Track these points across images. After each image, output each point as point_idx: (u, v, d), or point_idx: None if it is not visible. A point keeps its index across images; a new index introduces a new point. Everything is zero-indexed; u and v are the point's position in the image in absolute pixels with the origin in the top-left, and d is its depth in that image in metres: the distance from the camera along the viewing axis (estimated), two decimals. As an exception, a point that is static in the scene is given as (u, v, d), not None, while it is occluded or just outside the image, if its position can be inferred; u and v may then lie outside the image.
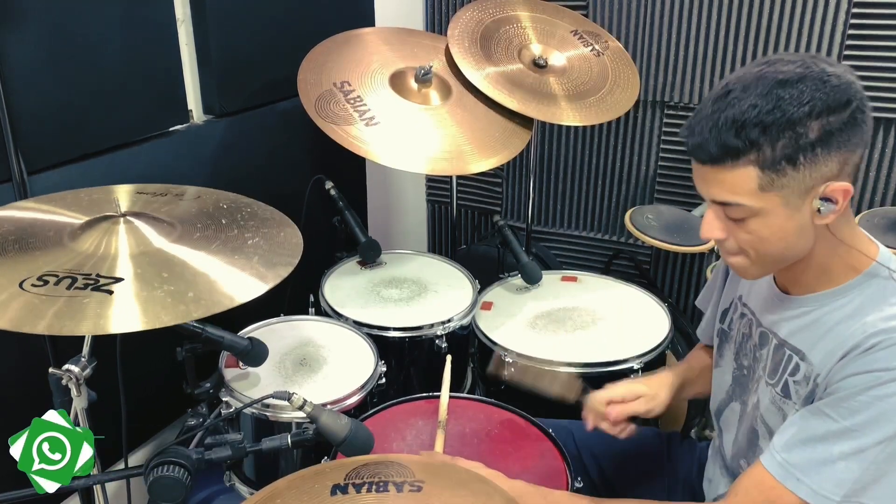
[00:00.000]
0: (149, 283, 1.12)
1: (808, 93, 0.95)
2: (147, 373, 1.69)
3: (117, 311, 1.06)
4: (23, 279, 1.08)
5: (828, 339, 1.05)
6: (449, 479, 1.12)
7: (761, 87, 0.97)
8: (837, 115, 0.95)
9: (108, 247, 1.19)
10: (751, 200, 1.00)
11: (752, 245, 1.05)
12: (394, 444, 1.46)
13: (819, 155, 0.96)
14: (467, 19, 2.12)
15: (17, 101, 1.49)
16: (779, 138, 0.95)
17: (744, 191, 0.99)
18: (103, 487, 1.40)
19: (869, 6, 2.09)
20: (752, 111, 0.96)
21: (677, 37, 2.33)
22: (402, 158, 1.82)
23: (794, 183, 0.98)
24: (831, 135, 0.95)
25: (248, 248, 1.27)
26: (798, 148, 0.95)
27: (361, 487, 1.05)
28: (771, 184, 0.98)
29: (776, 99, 0.95)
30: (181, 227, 1.28)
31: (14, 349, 1.59)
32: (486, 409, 1.56)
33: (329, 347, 1.71)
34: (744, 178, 0.98)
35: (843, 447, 0.99)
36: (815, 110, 0.95)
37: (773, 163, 0.96)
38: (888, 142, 2.18)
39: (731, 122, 0.97)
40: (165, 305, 1.08)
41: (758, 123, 0.95)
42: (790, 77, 0.96)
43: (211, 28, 1.90)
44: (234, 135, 2.03)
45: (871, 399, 0.97)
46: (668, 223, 2.24)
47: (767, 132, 0.95)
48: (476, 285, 1.97)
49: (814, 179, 0.97)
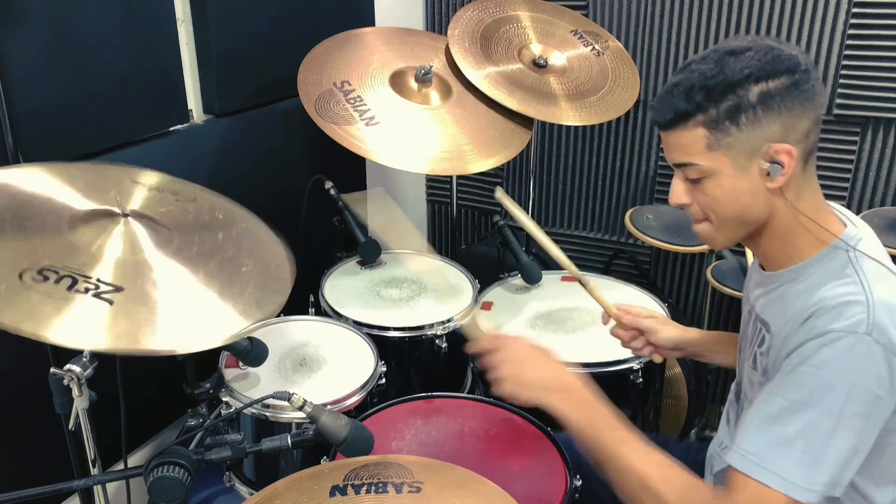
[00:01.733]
0: (142, 301, 1.12)
1: (749, 60, 1.04)
2: (147, 373, 1.69)
3: (115, 326, 1.07)
4: (23, 269, 1.07)
5: (785, 311, 1.09)
6: (448, 480, 1.12)
7: (712, 56, 1.07)
8: (777, 81, 1.03)
9: (105, 246, 1.19)
10: (701, 160, 1.07)
11: (710, 208, 1.11)
12: (393, 444, 1.46)
13: (760, 117, 1.03)
14: (467, 19, 2.12)
15: (17, 102, 1.49)
16: (721, 100, 1.04)
17: (695, 150, 1.07)
18: (103, 487, 1.40)
19: (869, 6, 2.09)
20: (699, 77, 1.05)
21: (677, 37, 2.33)
22: (402, 158, 1.82)
23: (739, 143, 1.05)
24: (772, 97, 1.03)
25: (243, 276, 1.28)
26: (739, 108, 1.03)
27: (360, 488, 1.05)
28: (717, 143, 1.05)
29: (721, 65, 1.05)
30: (179, 239, 1.27)
31: (14, 349, 1.59)
32: (485, 409, 1.56)
33: (329, 347, 1.71)
34: (694, 138, 1.07)
35: (796, 423, 0.99)
36: (754, 75, 1.03)
37: (718, 122, 1.05)
38: (888, 142, 2.18)
39: (682, 89, 1.06)
40: (153, 332, 1.10)
41: (703, 87, 1.05)
42: (737, 48, 1.06)
43: (211, 28, 1.90)
44: (234, 135, 2.03)
45: (810, 368, 0.99)
46: (668, 223, 2.24)
47: (711, 94, 1.04)
48: (476, 285, 1.97)
49: (757, 140, 1.04)
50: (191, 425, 1.64)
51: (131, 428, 1.42)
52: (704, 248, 2.11)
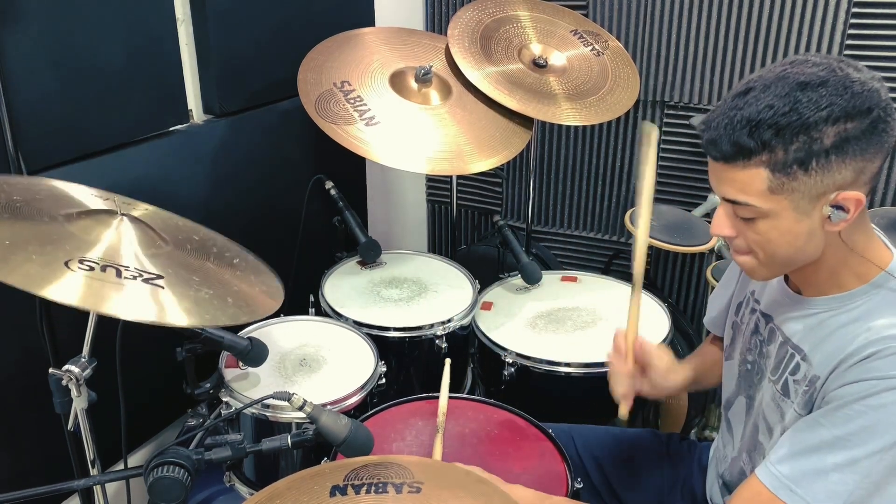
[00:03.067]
0: (186, 282, 1.21)
1: (828, 97, 0.93)
2: (147, 373, 1.70)
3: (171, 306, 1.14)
4: (67, 259, 1.12)
5: (829, 341, 1.05)
6: (448, 481, 1.12)
7: (781, 87, 0.95)
8: (856, 123, 0.93)
9: (106, 237, 1.22)
10: (760, 201, 0.99)
11: (760, 245, 1.04)
12: (393, 444, 1.46)
13: (833, 162, 0.94)
14: (467, 19, 2.12)
15: (17, 102, 1.49)
16: (792, 142, 0.94)
17: (753, 191, 0.98)
18: (103, 488, 1.40)
19: (869, 6, 2.09)
20: (767, 112, 0.94)
21: (677, 37, 2.33)
22: (402, 158, 1.82)
23: (805, 188, 0.96)
24: (847, 142, 0.93)
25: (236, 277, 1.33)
26: (811, 153, 0.94)
27: (360, 489, 1.05)
28: (781, 187, 0.97)
29: (794, 101, 0.94)
30: (171, 246, 1.32)
31: (14, 349, 1.59)
32: (485, 410, 1.56)
33: (329, 347, 1.71)
34: (754, 178, 0.97)
35: (836, 458, 0.98)
36: (832, 115, 0.93)
37: (785, 166, 0.95)
38: (888, 142, 2.18)
39: (746, 122, 0.95)
40: (210, 306, 1.18)
41: (772, 125, 0.94)
42: (812, 80, 0.94)
43: (211, 28, 1.90)
44: (234, 135, 2.03)
45: (865, 408, 0.96)
46: (668, 223, 2.24)
47: (781, 134, 0.94)
48: (476, 285, 1.97)
49: (825, 186, 0.96)
50: (191, 425, 1.64)
51: (131, 428, 1.42)
52: (704, 248, 2.11)
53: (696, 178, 2.44)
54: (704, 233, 2.16)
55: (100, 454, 1.35)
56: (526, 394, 1.73)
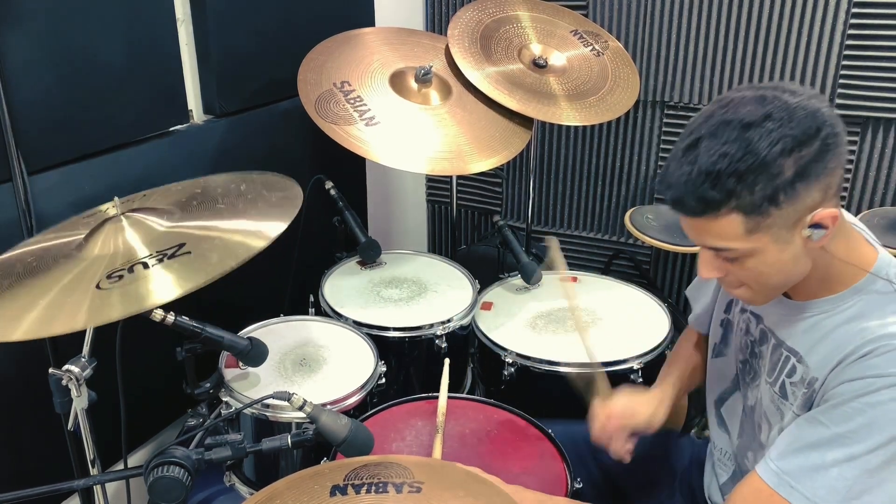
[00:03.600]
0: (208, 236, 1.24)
1: (776, 131, 0.94)
2: (147, 373, 1.70)
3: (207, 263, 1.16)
4: (96, 282, 1.13)
5: (825, 343, 1.06)
6: (448, 480, 1.12)
7: (728, 133, 0.96)
8: (810, 147, 0.95)
9: (119, 243, 1.24)
10: (740, 244, 1.00)
11: (751, 279, 1.07)
12: (393, 444, 1.46)
13: (799, 189, 0.96)
14: (467, 19, 2.12)
15: (17, 102, 1.49)
16: (756, 183, 0.95)
17: (732, 236, 1.00)
18: (103, 488, 1.41)
19: (869, 6, 2.09)
20: (723, 161, 0.95)
21: (677, 37, 2.33)
22: (402, 158, 1.82)
23: (780, 220, 0.98)
24: (807, 167, 0.95)
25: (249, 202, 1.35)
26: (777, 188, 0.95)
27: (361, 488, 1.05)
28: (757, 226, 0.98)
29: (746, 143, 0.94)
30: (179, 212, 1.32)
31: (14, 349, 1.59)
32: (485, 410, 1.56)
33: (329, 347, 1.71)
34: (729, 225, 0.98)
35: (835, 454, 0.99)
36: (786, 148, 0.94)
37: (755, 206, 0.96)
38: (888, 142, 2.18)
39: (706, 175, 0.96)
40: (240, 245, 1.19)
41: (732, 172, 0.95)
42: (755, 118, 0.95)
43: (211, 28, 1.90)
44: (234, 135, 2.03)
45: (863, 406, 0.98)
46: (668, 223, 2.24)
47: (743, 179, 0.95)
48: (476, 285, 1.97)
49: (798, 213, 0.98)
50: (191, 425, 1.63)
51: (131, 428, 1.42)
52: (704, 248, 2.11)
53: (696, 178, 2.43)
54: (704, 233, 2.16)
55: (100, 454, 1.35)
56: (526, 394, 1.73)
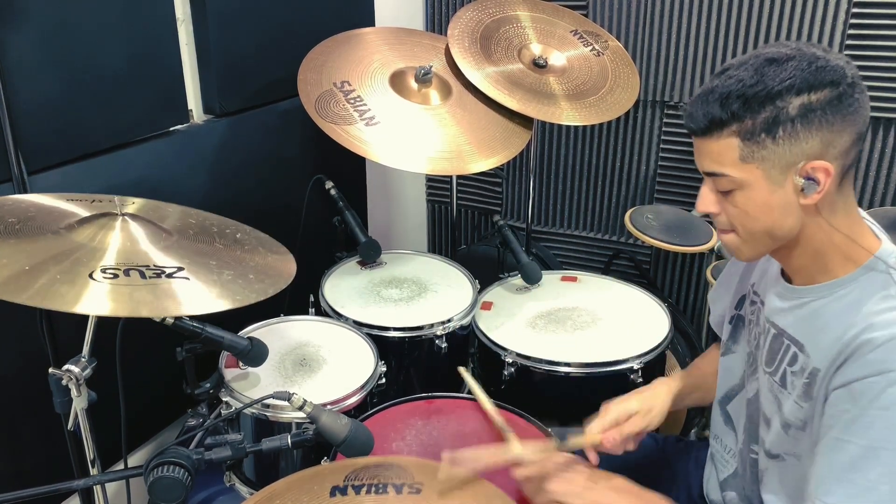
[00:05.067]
0: (206, 269, 1.22)
1: (792, 70, 0.99)
2: (147, 373, 1.70)
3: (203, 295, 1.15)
4: (91, 271, 1.12)
5: (825, 332, 1.05)
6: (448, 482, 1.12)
7: (751, 63, 1.02)
8: (819, 94, 0.98)
9: (104, 241, 1.22)
10: (734, 171, 1.04)
11: (739, 220, 1.08)
12: (393, 444, 1.46)
13: (799, 131, 0.99)
14: (467, 19, 2.12)
15: (17, 102, 1.49)
16: (759, 111, 1.00)
17: (727, 161, 1.04)
18: (103, 488, 1.41)
19: (869, 6, 2.09)
20: (736, 84, 1.01)
21: (677, 37, 2.33)
22: (402, 158, 1.82)
23: (774, 156, 1.01)
24: (812, 112, 0.99)
25: (246, 252, 1.32)
26: (778, 121, 0.99)
27: (361, 489, 1.05)
28: (752, 155, 1.02)
29: (761, 74, 1.00)
30: (177, 235, 1.30)
31: (14, 349, 1.59)
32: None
33: (329, 347, 1.71)
34: (727, 148, 1.03)
35: (877, 469, 0.97)
36: (796, 86, 0.98)
37: (754, 134, 1.01)
38: (888, 142, 2.18)
39: (718, 95, 1.02)
40: (237, 287, 1.19)
41: (740, 96, 1.00)
42: (780, 56, 1.01)
43: (211, 28, 1.90)
44: (234, 135, 2.03)
45: (879, 411, 0.96)
46: (668, 223, 2.24)
47: (748, 104, 1.00)
48: (476, 285, 1.97)
49: (794, 155, 1.00)
50: (191, 425, 1.64)
51: (131, 428, 1.42)
52: (704, 247, 2.11)
53: (696, 178, 2.44)
54: (704, 233, 2.16)
55: (100, 454, 1.35)
56: (526, 394, 1.73)
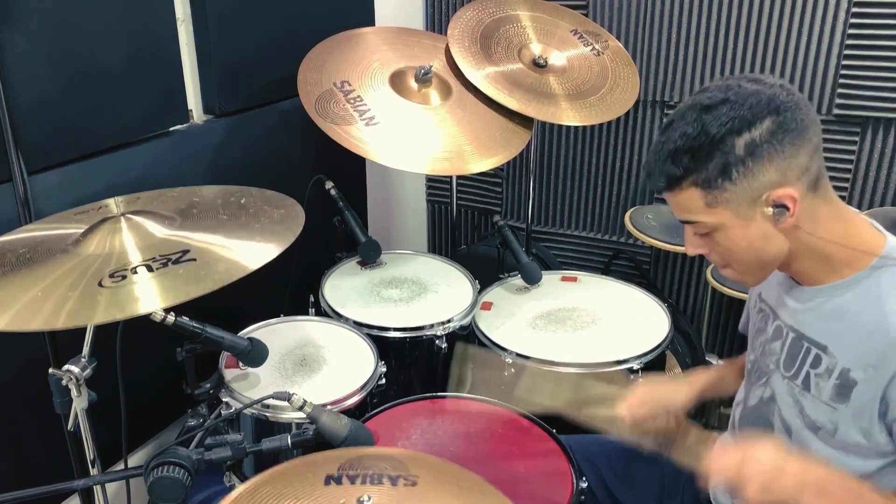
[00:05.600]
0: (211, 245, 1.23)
1: (728, 113, 1.02)
2: (147, 373, 1.70)
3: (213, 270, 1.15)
4: (98, 279, 1.13)
5: (849, 332, 1.07)
6: (443, 475, 1.12)
7: (689, 115, 1.05)
8: (760, 128, 1.02)
9: (114, 244, 1.23)
10: (704, 217, 1.07)
11: (727, 256, 1.12)
12: (399, 443, 1.46)
13: (752, 167, 1.02)
14: (467, 19, 2.12)
15: (17, 101, 1.49)
16: (709, 160, 1.03)
17: (695, 209, 1.07)
18: (103, 488, 1.41)
19: (869, 6, 2.09)
20: (681, 140, 1.05)
21: (677, 37, 2.33)
22: (402, 158, 1.82)
23: (737, 196, 1.04)
24: (759, 147, 1.02)
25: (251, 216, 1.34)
26: (728, 164, 1.03)
27: (356, 479, 1.05)
28: (715, 200, 1.05)
29: (701, 124, 1.04)
30: (180, 219, 1.31)
31: (14, 349, 1.59)
32: (489, 410, 1.56)
33: (329, 348, 1.71)
34: (691, 198, 1.07)
35: None
36: (735, 128, 1.02)
37: (711, 181, 1.04)
38: (888, 142, 2.18)
39: (668, 153, 1.06)
40: (247, 252, 1.20)
41: (687, 150, 1.04)
42: (713, 102, 1.04)
43: (211, 28, 1.90)
44: (234, 135, 2.03)
45: None
46: (668, 223, 2.24)
47: (696, 156, 1.04)
48: (476, 285, 1.97)
49: (755, 190, 1.04)
50: (191, 425, 1.63)
51: (131, 428, 1.42)
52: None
53: (696, 178, 2.44)
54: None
55: (100, 454, 1.35)
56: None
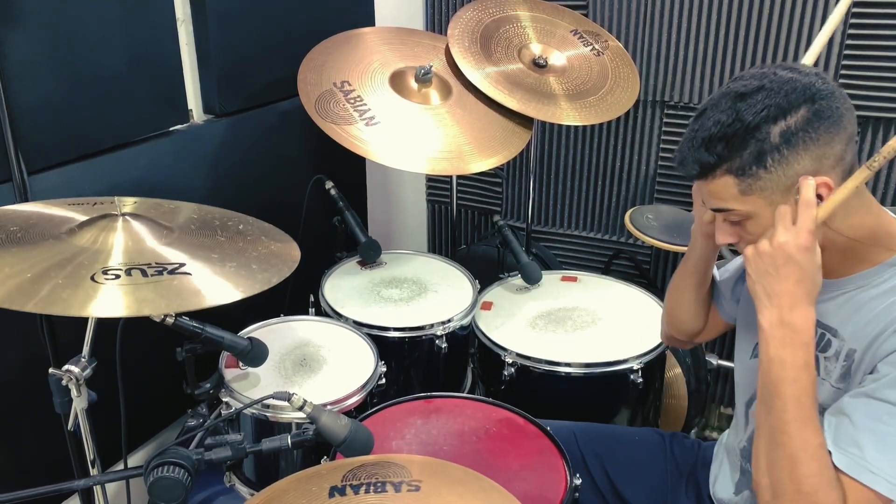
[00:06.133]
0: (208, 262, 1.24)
1: (762, 101, 1.02)
2: (147, 373, 1.70)
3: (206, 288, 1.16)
4: (92, 273, 1.13)
5: (860, 314, 1.07)
6: (447, 478, 1.12)
7: (724, 102, 1.05)
8: (795, 116, 1.01)
9: (106, 242, 1.22)
10: (737, 205, 1.07)
11: None
12: (393, 443, 1.46)
13: (787, 155, 1.02)
14: (467, 19, 2.12)
15: (17, 102, 1.49)
16: (744, 147, 1.03)
17: (729, 196, 1.07)
18: (103, 488, 1.41)
19: (869, 6, 2.09)
20: (715, 127, 1.04)
21: (677, 37, 2.33)
22: (402, 158, 1.82)
23: (771, 184, 1.04)
24: (794, 135, 1.01)
25: (249, 242, 1.32)
26: (763, 152, 1.02)
27: (359, 489, 1.05)
28: (750, 187, 1.05)
29: (736, 112, 1.03)
30: (178, 231, 1.30)
31: (15, 349, 1.59)
32: (484, 408, 1.56)
33: (329, 347, 1.71)
34: (725, 186, 1.06)
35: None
36: (770, 115, 1.02)
37: (745, 169, 1.04)
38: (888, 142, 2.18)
39: (702, 141, 1.06)
40: (239, 278, 1.20)
41: (722, 137, 1.04)
42: (748, 89, 1.04)
43: (211, 28, 1.90)
44: (234, 135, 2.03)
45: None
46: (668, 223, 2.24)
47: (731, 144, 1.03)
48: (476, 285, 1.97)
49: (789, 178, 1.03)
50: (191, 425, 1.64)
51: (131, 428, 1.42)
52: (704, 247, 2.11)
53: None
54: (704, 233, 2.16)
55: (100, 454, 1.35)
56: (526, 394, 1.73)
